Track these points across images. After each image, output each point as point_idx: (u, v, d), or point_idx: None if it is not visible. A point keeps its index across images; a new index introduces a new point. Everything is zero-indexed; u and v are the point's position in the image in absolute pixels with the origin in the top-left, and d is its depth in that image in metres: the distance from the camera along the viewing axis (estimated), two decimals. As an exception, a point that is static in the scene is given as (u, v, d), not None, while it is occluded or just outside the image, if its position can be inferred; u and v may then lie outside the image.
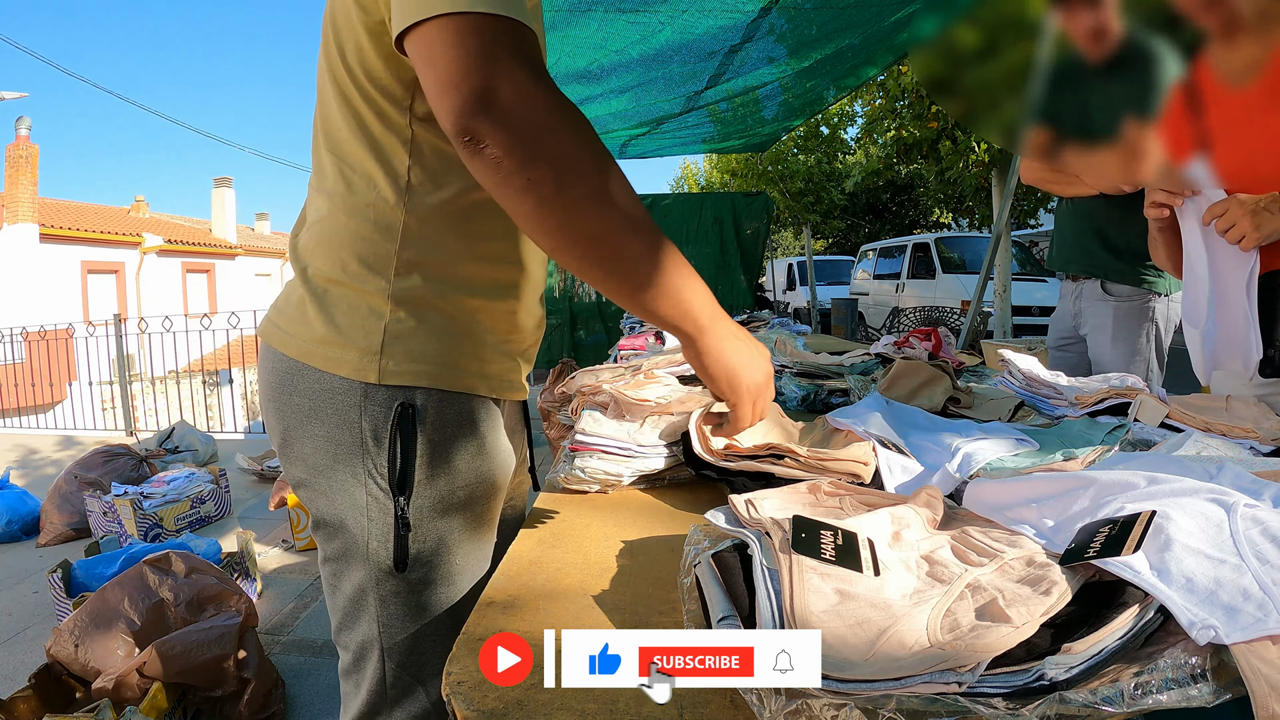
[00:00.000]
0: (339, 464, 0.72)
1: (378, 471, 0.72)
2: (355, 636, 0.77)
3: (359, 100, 0.71)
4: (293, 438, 0.75)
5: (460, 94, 0.57)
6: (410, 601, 0.75)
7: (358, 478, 0.72)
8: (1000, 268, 7.05)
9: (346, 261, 0.72)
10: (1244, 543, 0.49)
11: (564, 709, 0.49)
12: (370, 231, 0.72)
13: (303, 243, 0.76)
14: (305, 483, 0.76)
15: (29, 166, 13.79)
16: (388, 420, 0.71)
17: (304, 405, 0.73)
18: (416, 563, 0.74)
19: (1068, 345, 2.18)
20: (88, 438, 6.02)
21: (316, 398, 0.72)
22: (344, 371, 0.71)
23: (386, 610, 0.75)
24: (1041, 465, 0.86)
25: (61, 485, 3.49)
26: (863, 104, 9.25)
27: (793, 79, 3.96)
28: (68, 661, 1.85)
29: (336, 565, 0.76)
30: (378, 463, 0.71)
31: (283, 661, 2.12)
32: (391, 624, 0.75)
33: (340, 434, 0.72)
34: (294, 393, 0.73)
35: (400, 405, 0.71)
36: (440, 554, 0.75)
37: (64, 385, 7.35)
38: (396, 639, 0.75)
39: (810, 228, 10.17)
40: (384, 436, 0.71)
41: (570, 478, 0.99)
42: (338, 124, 0.73)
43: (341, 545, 0.75)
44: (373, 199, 0.72)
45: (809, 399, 1.51)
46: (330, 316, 0.72)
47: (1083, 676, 0.42)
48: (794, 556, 0.54)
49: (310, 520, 0.78)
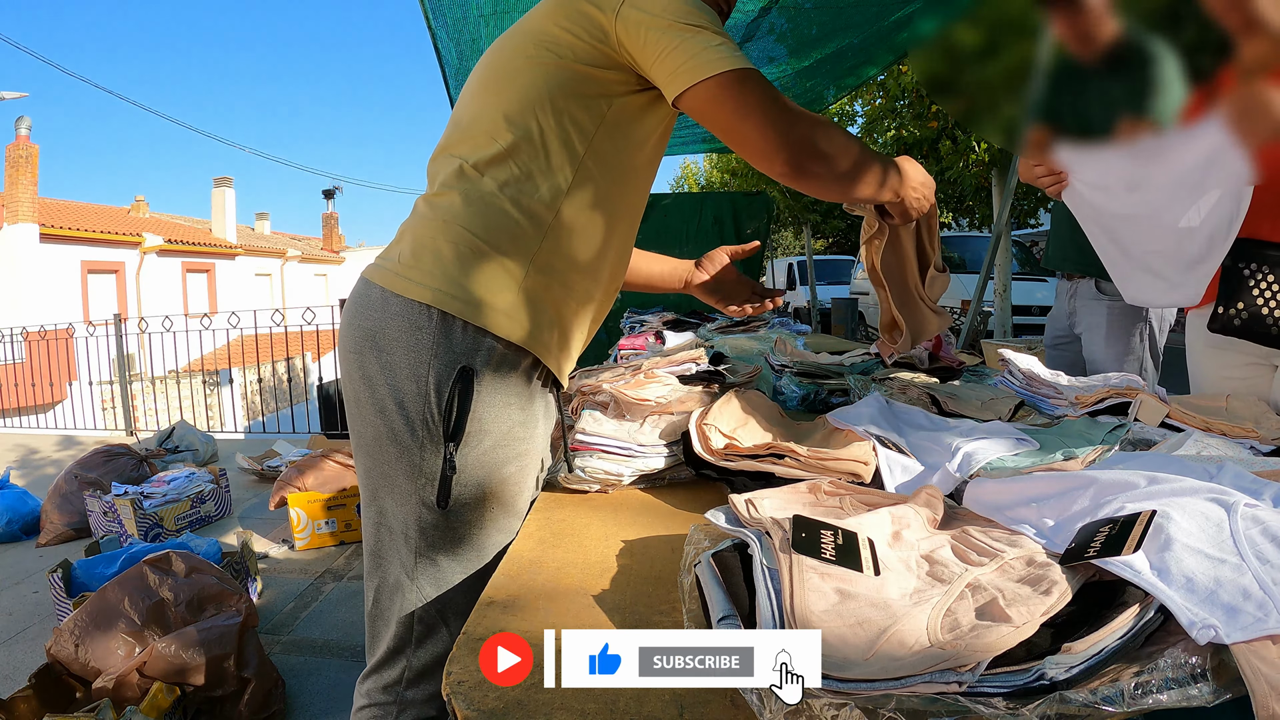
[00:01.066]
0: (401, 414, 0.86)
1: (434, 412, 0.85)
2: (390, 572, 0.90)
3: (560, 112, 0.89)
4: (389, 377, 0.87)
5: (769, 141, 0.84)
6: (446, 542, 0.88)
7: (414, 426, 0.85)
8: (1000, 267, 7.04)
9: (499, 240, 0.88)
10: (1244, 542, 0.49)
11: (564, 708, 0.49)
12: (526, 222, 0.89)
13: (448, 204, 0.90)
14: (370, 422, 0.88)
15: (29, 166, 13.79)
16: (450, 377, 0.84)
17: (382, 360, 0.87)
18: (458, 505, 0.87)
19: (1063, 344, 2.18)
20: (88, 437, 6.02)
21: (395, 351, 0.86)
22: (479, 321, 0.86)
23: (427, 543, 0.88)
24: (1042, 465, 0.86)
25: (61, 485, 3.49)
26: (863, 104, 9.24)
27: (793, 78, 3.96)
28: (68, 661, 1.85)
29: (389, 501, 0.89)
30: (438, 405, 0.85)
31: (283, 661, 2.12)
32: (424, 562, 0.88)
33: (407, 385, 0.85)
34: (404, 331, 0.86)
35: (467, 359, 0.85)
36: (480, 502, 0.88)
37: (64, 385, 7.35)
38: (428, 572, 0.88)
39: (810, 227, 10.17)
40: (446, 386, 0.84)
41: (570, 477, 0.99)
42: (532, 120, 0.89)
43: (390, 485, 0.88)
44: (537, 195, 0.89)
45: (809, 399, 1.51)
46: (479, 274, 0.87)
47: (1083, 676, 0.42)
48: (794, 556, 0.54)
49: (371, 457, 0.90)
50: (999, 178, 7.14)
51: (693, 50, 0.82)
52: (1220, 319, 1.15)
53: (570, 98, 0.89)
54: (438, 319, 0.85)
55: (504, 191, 0.89)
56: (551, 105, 0.88)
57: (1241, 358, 1.23)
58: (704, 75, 0.82)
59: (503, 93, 0.91)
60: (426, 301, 0.86)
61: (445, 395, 0.85)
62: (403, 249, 0.91)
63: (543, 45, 0.89)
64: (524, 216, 0.88)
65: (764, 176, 10.21)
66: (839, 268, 13.95)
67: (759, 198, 6.14)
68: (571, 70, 0.88)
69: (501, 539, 0.91)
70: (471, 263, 0.87)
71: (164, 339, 6.59)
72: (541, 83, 0.89)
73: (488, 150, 0.90)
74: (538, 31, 0.90)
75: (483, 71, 0.96)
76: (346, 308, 0.94)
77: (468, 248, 0.88)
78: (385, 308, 0.88)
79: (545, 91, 0.89)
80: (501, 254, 0.88)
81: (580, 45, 0.87)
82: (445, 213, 0.90)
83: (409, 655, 0.89)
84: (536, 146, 0.89)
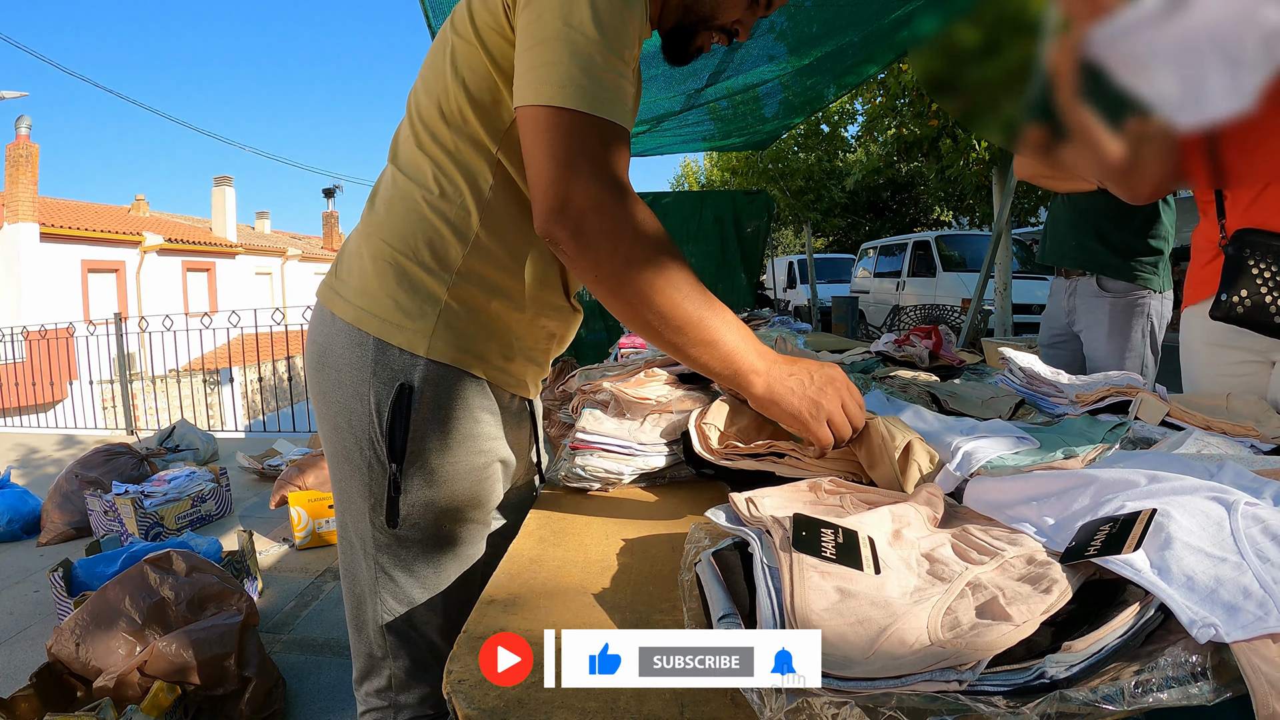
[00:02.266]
0: (350, 432, 0.83)
1: (378, 437, 0.81)
2: (356, 585, 0.88)
3: (462, 122, 0.82)
4: (335, 396, 0.85)
5: (544, 201, 0.70)
6: (401, 557, 0.86)
7: (361, 445, 0.82)
8: (1001, 266, 7.04)
9: (419, 249, 0.81)
10: (1244, 541, 0.49)
11: (564, 708, 0.49)
12: (448, 233, 0.82)
13: (375, 217, 0.85)
14: (329, 438, 0.86)
15: (29, 166, 13.79)
16: (389, 396, 0.80)
17: (331, 377, 0.83)
18: (406, 523, 0.84)
19: (1061, 342, 2.18)
20: (88, 437, 6.03)
21: (349, 354, 0.82)
22: (396, 340, 0.80)
23: (382, 557, 0.86)
24: (1042, 463, 0.86)
25: (62, 484, 3.49)
26: (863, 102, 9.23)
27: (793, 77, 3.96)
28: (69, 660, 1.85)
29: (344, 518, 0.88)
30: (379, 432, 0.81)
31: (283, 660, 2.12)
32: (384, 571, 0.86)
33: (354, 404, 0.82)
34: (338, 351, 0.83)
35: (407, 378, 0.80)
36: (428, 518, 0.85)
37: (64, 384, 7.36)
38: (388, 587, 0.86)
39: (811, 226, 10.17)
40: (385, 406, 0.80)
41: (571, 476, 0.99)
42: (442, 132, 0.83)
43: (347, 501, 0.86)
44: (457, 207, 0.82)
45: (809, 397, 1.51)
46: (395, 291, 0.81)
47: (1083, 675, 0.42)
48: (794, 555, 0.54)
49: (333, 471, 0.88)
50: (999, 176, 7.14)
51: (545, 59, 0.70)
52: (1223, 306, 1.15)
53: (483, 89, 0.80)
54: (373, 338, 0.81)
55: (423, 198, 0.82)
56: (469, 98, 0.80)
57: (1239, 354, 1.24)
58: (531, 101, 0.70)
59: (425, 91, 0.85)
60: (350, 321, 0.82)
61: (386, 415, 0.80)
62: (339, 262, 0.87)
63: (457, 32, 0.81)
64: (443, 222, 0.81)
65: (764, 175, 10.23)
66: (839, 266, 13.95)
67: (759, 196, 6.15)
68: (480, 59, 0.79)
69: (465, 551, 0.89)
70: (391, 278, 0.81)
71: (164, 338, 6.60)
72: (452, 74, 0.81)
73: (408, 154, 0.84)
74: (457, 18, 0.82)
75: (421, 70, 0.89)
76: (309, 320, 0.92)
77: (386, 261, 0.82)
78: (332, 324, 0.84)
79: (457, 84, 0.81)
80: (422, 266, 0.81)
81: (489, 30, 0.78)
82: (369, 223, 0.85)
83: (389, 664, 0.88)
84: (449, 146, 0.82)
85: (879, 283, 11.12)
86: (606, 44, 0.70)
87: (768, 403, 0.79)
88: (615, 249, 0.71)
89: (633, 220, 0.71)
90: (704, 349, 0.76)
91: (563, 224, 0.69)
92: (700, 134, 5.46)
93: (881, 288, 11.01)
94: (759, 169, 10.25)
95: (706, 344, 0.75)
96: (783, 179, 10.37)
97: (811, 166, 11.21)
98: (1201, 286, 1.32)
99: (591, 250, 0.71)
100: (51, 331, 7.10)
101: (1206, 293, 1.27)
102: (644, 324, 0.74)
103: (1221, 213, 1.23)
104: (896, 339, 1.99)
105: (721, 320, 0.76)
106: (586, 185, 0.69)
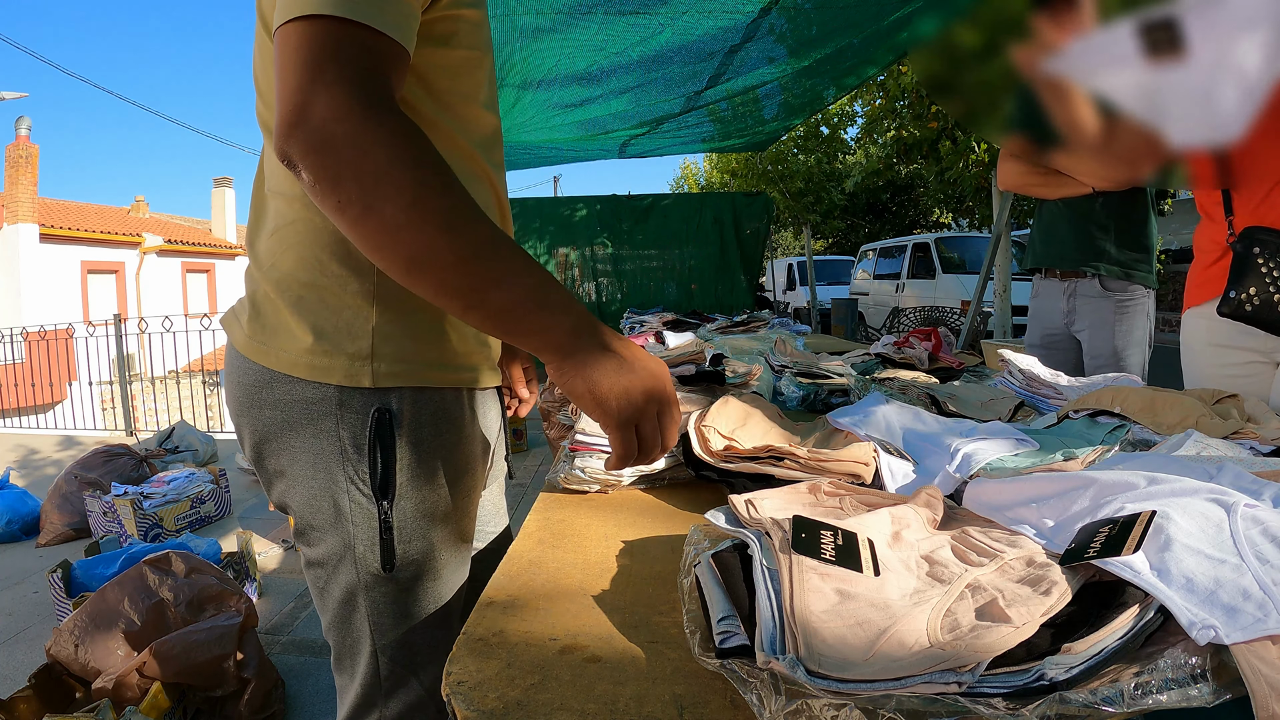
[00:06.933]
0: (319, 473, 0.72)
1: (359, 478, 0.72)
2: (348, 635, 0.77)
3: None
4: (268, 450, 0.74)
5: (281, 116, 0.56)
6: (400, 600, 0.76)
7: (339, 485, 0.72)
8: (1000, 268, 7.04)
9: (325, 263, 0.70)
10: (1244, 543, 0.49)
11: (564, 709, 0.49)
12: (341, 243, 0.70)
13: (267, 248, 0.73)
14: (285, 493, 0.76)
15: (29, 166, 13.78)
16: (365, 427, 0.71)
17: (278, 417, 0.72)
18: (404, 563, 0.75)
19: (1055, 344, 2.18)
20: (88, 438, 6.02)
21: (290, 409, 0.71)
22: (335, 379, 0.70)
23: (377, 610, 0.75)
24: (1041, 465, 0.86)
25: (61, 485, 3.49)
26: (863, 104, 9.24)
27: (792, 79, 3.96)
28: (68, 661, 1.85)
29: (323, 570, 0.76)
30: (359, 470, 0.72)
31: (283, 661, 2.12)
32: (382, 622, 0.76)
33: (319, 444, 0.71)
34: (267, 405, 0.72)
35: (378, 411, 0.70)
36: (427, 552, 0.76)
37: (64, 385, 7.35)
38: (388, 636, 0.76)
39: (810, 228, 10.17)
40: (363, 444, 0.71)
41: (570, 478, 0.99)
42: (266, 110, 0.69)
43: (327, 550, 0.75)
44: None
45: (809, 399, 1.51)
46: (312, 323, 0.70)
47: (1083, 676, 0.42)
48: (794, 556, 0.54)
49: (294, 527, 0.78)
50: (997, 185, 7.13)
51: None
52: (1231, 302, 1.15)
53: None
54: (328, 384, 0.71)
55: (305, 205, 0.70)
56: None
57: (1244, 354, 1.24)
58: (284, 17, 0.57)
59: (263, 103, 0.72)
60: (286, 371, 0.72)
61: (365, 449, 0.71)
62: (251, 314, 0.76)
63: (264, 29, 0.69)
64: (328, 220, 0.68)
65: (764, 177, 10.23)
66: (839, 268, 13.95)
67: (759, 198, 6.15)
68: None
69: (461, 560, 0.82)
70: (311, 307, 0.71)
71: (164, 339, 6.60)
72: (263, 72, 0.70)
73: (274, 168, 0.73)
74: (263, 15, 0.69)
75: None
76: None
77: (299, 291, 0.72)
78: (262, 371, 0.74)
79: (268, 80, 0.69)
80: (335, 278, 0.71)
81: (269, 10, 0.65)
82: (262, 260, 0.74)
83: (380, 708, 0.78)
84: None
85: (878, 285, 11.12)
86: None
87: (571, 373, 0.63)
88: (362, 163, 0.54)
89: (389, 128, 0.55)
90: (488, 287, 0.59)
91: (298, 137, 0.54)
92: (700, 135, 5.46)
93: (881, 290, 11.00)
94: (759, 171, 10.26)
95: (492, 284, 0.59)
96: (782, 181, 10.37)
97: (811, 168, 11.22)
98: (1205, 287, 1.32)
99: (331, 168, 0.54)
100: (51, 332, 7.10)
101: (1210, 293, 1.27)
102: (406, 261, 0.58)
103: (1229, 210, 1.23)
104: (896, 341, 1.99)
105: (513, 262, 0.60)
106: (331, 90, 0.54)
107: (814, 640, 0.46)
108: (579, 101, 3.96)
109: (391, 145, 0.55)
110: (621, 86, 3.75)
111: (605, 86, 3.72)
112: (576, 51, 3.19)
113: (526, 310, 0.61)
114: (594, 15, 2.80)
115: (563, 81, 3.58)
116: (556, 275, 6.06)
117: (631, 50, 3.22)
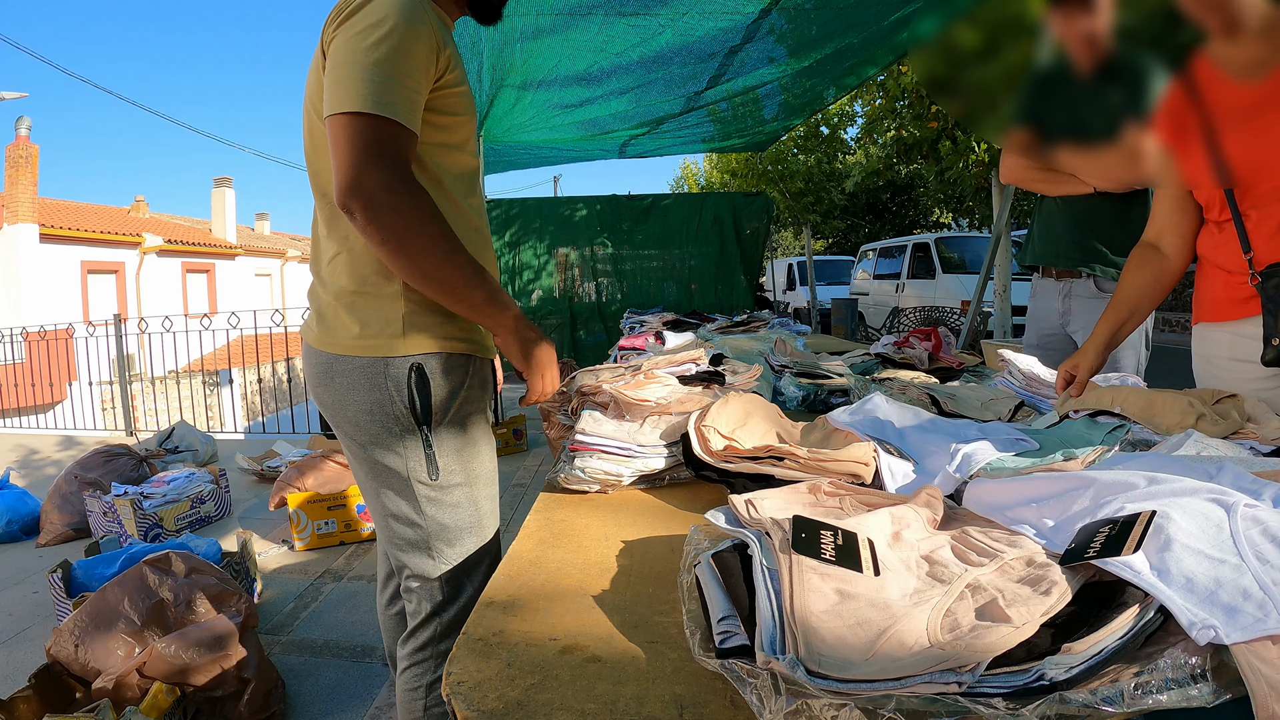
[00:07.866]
0: (377, 420, 1.01)
1: (405, 412, 1.01)
2: (413, 558, 1.06)
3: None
4: (342, 411, 1.03)
5: (342, 181, 0.90)
6: (446, 500, 1.04)
7: (393, 426, 1.01)
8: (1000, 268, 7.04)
9: (367, 277, 1.01)
10: (1244, 543, 0.49)
11: (564, 709, 0.49)
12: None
13: (328, 273, 1.05)
14: (360, 440, 1.04)
15: (29, 166, 13.77)
16: (406, 380, 1.00)
17: (344, 383, 1.02)
18: (446, 470, 1.04)
19: (1052, 345, 2.17)
20: (88, 438, 6.02)
21: (351, 376, 1.01)
22: (380, 353, 1.00)
23: (432, 507, 1.04)
24: (1041, 465, 0.86)
25: (61, 485, 3.49)
26: (863, 104, 9.22)
27: (792, 79, 3.96)
28: (68, 661, 1.84)
29: (392, 496, 1.05)
30: (404, 405, 1.01)
31: (283, 662, 2.12)
32: (437, 517, 1.04)
33: (374, 396, 1.01)
34: (336, 376, 1.02)
35: (411, 368, 1.00)
36: (459, 460, 1.05)
37: (64, 385, 7.35)
38: (443, 535, 1.05)
39: (810, 228, 10.17)
40: (404, 390, 1.00)
41: (570, 478, 0.99)
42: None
43: (392, 477, 1.03)
44: None
45: (809, 399, 1.51)
46: (360, 318, 1.01)
47: (1083, 676, 0.42)
48: (794, 556, 0.54)
49: (367, 468, 1.06)
50: (999, 178, 7.12)
51: (343, 78, 0.90)
52: (1274, 349, 1.13)
53: None
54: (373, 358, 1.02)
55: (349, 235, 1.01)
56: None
57: (1266, 370, 1.21)
58: (334, 110, 0.90)
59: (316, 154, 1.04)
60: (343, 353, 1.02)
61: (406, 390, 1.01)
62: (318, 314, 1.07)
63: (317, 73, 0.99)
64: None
65: (764, 177, 10.22)
66: (839, 268, 13.94)
67: (759, 198, 6.14)
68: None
69: (490, 490, 1.11)
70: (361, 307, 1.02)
71: (164, 339, 6.59)
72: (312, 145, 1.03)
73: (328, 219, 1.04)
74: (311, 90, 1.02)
75: None
76: None
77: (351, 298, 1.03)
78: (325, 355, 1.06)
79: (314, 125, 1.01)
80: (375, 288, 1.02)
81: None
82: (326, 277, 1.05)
83: (440, 616, 1.06)
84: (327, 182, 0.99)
85: (878, 285, 11.11)
86: (392, 62, 0.90)
87: (511, 340, 1.05)
88: (398, 219, 0.90)
89: (411, 198, 0.91)
90: (468, 291, 0.99)
91: (357, 199, 0.89)
92: (700, 135, 5.46)
93: (881, 290, 11.00)
94: (758, 171, 10.25)
95: (471, 286, 0.99)
96: (782, 181, 10.37)
97: (811, 168, 11.21)
98: (1223, 307, 1.26)
99: (378, 219, 0.90)
100: (51, 332, 7.10)
101: (1230, 314, 1.24)
102: (422, 276, 0.95)
103: (1245, 242, 1.19)
104: (896, 341, 1.99)
105: (481, 278, 0.99)
106: (377, 169, 0.89)
107: (814, 640, 0.46)
108: (579, 102, 3.96)
109: (415, 208, 0.92)
110: (622, 87, 3.75)
111: (605, 87, 3.72)
112: (577, 52, 3.19)
113: (491, 305, 1.02)
114: (594, 16, 2.81)
115: (563, 82, 3.58)
116: (557, 275, 6.07)
117: (632, 51, 3.23)
